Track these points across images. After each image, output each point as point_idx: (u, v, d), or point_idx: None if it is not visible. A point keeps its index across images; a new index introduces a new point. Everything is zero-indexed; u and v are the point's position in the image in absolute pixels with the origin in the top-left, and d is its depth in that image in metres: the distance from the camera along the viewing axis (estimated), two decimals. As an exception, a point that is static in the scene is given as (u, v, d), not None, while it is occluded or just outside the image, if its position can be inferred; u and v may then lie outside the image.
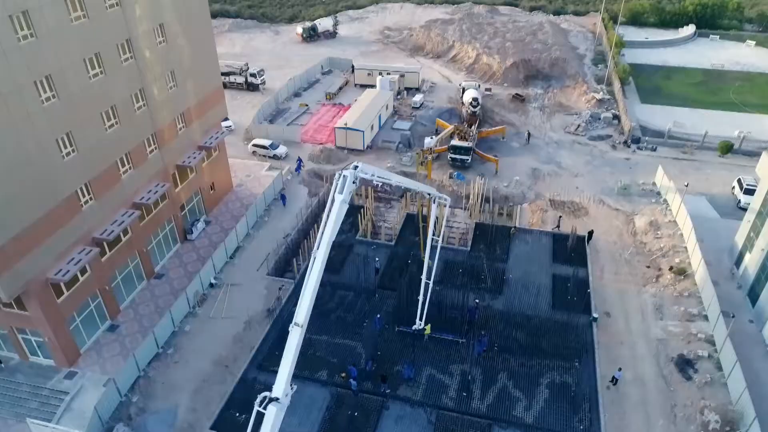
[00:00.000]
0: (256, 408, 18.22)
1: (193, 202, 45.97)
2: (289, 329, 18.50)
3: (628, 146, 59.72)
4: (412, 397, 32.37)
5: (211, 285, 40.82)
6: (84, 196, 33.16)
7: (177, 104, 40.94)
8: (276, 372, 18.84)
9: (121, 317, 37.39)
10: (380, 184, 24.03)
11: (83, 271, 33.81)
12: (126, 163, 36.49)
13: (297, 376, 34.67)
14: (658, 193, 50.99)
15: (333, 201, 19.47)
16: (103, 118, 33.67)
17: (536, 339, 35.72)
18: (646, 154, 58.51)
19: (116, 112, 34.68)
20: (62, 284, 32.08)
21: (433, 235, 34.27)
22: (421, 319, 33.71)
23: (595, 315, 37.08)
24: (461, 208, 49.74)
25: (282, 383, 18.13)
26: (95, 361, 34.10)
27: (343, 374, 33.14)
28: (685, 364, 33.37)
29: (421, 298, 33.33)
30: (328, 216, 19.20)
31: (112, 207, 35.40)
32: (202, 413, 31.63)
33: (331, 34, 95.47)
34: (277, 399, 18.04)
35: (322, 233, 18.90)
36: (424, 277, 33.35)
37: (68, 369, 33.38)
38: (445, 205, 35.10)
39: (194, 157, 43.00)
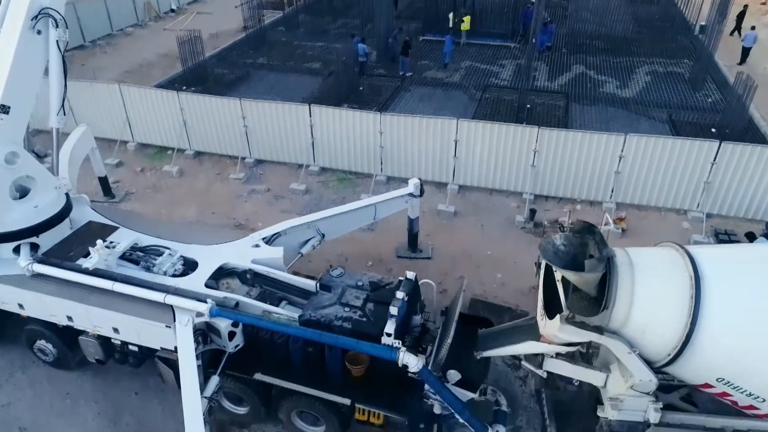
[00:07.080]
0: None
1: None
2: None
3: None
4: (446, 80, 21.77)
5: (172, 10, 30.45)
6: None
7: None
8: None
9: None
10: None
11: None
12: None
13: (275, 69, 23.70)
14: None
15: None
16: None
17: (623, 44, 24.96)
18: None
19: None
20: None
21: None
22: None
23: (702, 23, 25.99)
24: None
25: None
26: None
27: (344, 58, 22.47)
28: None
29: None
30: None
31: None
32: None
33: None
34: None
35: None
36: None
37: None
38: None
39: None
